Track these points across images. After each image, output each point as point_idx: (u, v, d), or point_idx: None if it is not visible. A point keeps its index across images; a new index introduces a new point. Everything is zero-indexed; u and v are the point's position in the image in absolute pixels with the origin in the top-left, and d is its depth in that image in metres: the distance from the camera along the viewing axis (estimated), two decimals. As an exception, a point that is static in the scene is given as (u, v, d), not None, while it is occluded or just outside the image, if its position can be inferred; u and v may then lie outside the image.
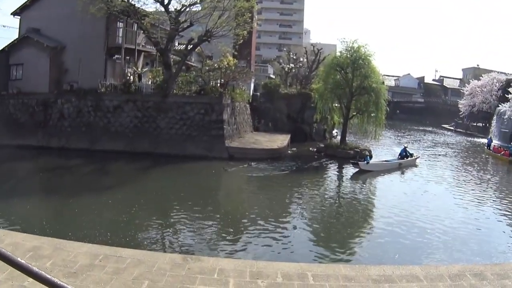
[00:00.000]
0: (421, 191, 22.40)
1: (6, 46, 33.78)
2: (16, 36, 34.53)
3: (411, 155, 29.67)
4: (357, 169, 26.01)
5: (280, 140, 31.76)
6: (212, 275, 5.36)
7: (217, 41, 30.67)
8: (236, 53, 34.16)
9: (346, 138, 33.62)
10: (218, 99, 28.93)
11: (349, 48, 32.97)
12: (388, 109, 33.21)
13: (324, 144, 33.82)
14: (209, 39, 29.01)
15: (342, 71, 32.62)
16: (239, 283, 5.18)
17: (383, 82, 34.17)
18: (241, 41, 31.46)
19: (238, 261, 6.16)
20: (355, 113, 33.04)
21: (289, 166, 26.75)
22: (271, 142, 30.61)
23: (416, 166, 29.36)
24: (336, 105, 34.26)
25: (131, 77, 30.58)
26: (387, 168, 27.35)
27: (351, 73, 32.34)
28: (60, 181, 21.52)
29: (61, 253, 5.77)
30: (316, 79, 36.55)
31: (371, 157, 29.21)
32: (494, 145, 38.60)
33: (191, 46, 29.74)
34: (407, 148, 29.93)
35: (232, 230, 14.68)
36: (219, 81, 32.70)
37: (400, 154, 29.34)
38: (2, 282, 4.73)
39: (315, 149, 32.96)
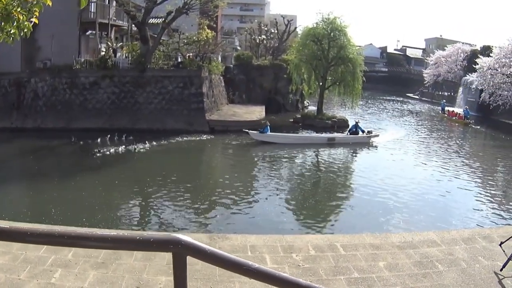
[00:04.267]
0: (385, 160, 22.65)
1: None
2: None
3: (363, 131, 26.69)
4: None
5: (257, 112, 31.88)
6: (246, 253, 5.41)
7: (193, 14, 30.24)
8: (215, 25, 33.77)
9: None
10: (197, 72, 28.68)
11: (325, 19, 33.09)
12: (364, 79, 33.47)
13: (300, 115, 33.98)
14: (187, 12, 28.51)
15: (318, 42, 32.70)
16: (275, 258, 5.27)
17: (360, 53, 34.39)
18: (211, 13, 31.21)
19: (265, 236, 6.15)
20: (331, 84, 33.28)
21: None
22: (249, 114, 30.67)
23: (369, 144, 26.28)
24: (310, 76, 34.34)
25: (107, 53, 29.88)
26: (291, 142, 25.24)
27: (327, 44, 32.56)
28: (42, 165, 20.65)
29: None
30: (290, 50, 36.52)
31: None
32: (448, 110, 42.26)
33: (170, 19, 29.13)
34: (358, 124, 27.16)
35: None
36: (190, 54, 32.31)
37: (349, 130, 27.08)
38: (26, 282, 4.62)
39: (292, 120, 33.12)
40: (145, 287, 4.62)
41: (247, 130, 24.96)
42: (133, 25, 32.11)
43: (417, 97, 68.88)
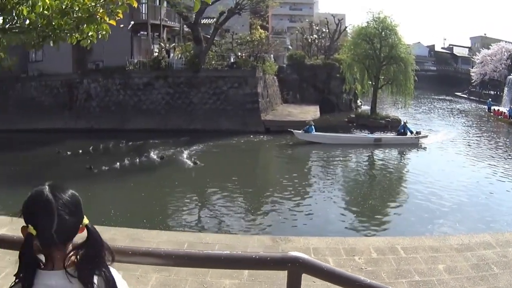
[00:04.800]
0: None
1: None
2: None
3: (412, 132, 25.58)
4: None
5: (312, 112, 31.47)
6: (309, 255, 5.10)
7: (244, 14, 30.04)
8: (267, 25, 33.52)
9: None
10: (251, 72, 28.41)
11: (376, 19, 32.68)
12: (416, 78, 32.82)
13: (354, 114, 33.48)
14: (240, 12, 28.31)
15: (370, 41, 32.27)
16: (338, 261, 5.24)
17: (410, 52, 33.80)
18: (263, 13, 30.96)
19: (327, 238, 6.15)
20: (384, 83, 32.79)
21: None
22: (304, 114, 30.22)
23: (418, 145, 25.12)
24: (363, 75, 33.89)
25: (160, 53, 29.82)
26: (337, 142, 24.36)
27: (378, 43, 32.14)
28: (96, 165, 20.50)
29: (141, 244, 5.33)
30: (343, 49, 36.12)
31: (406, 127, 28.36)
32: (494, 109, 41.96)
33: (222, 19, 28.95)
34: (407, 124, 26.03)
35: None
36: (243, 55, 32.07)
37: (398, 131, 26.15)
38: None
39: (346, 119, 32.63)
40: None
41: (291, 130, 24.49)
42: (185, 26, 32.02)
43: (465, 96, 67.65)
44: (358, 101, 42.27)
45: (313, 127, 24.53)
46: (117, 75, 29.16)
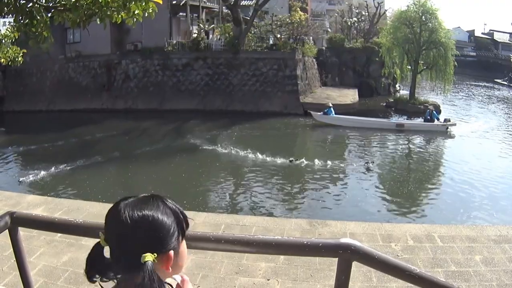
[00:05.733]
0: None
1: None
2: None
3: (438, 119, 24.63)
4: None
5: (350, 95, 31.07)
6: None
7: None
8: (306, 7, 33.21)
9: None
10: (291, 54, 28.14)
11: (416, 2, 32.05)
12: (456, 64, 32.16)
13: (393, 99, 33.02)
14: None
15: (410, 25, 31.72)
16: (375, 247, 4.98)
17: (450, 37, 33.12)
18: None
19: (364, 224, 6.03)
20: (423, 68, 32.24)
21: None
22: (343, 97, 29.89)
23: (447, 133, 23.87)
24: (402, 59, 33.34)
25: (199, 34, 29.75)
26: (357, 125, 23.83)
27: (418, 28, 31.51)
28: (137, 145, 20.47)
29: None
30: (382, 33, 35.59)
31: (439, 112, 27.54)
32: None
33: (262, 1, 28.74)
34: (433, 112, 25.02)
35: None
36: (282, 37, 31.80)
37: (424, 118, 25.07)
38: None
39: (384, 104, 32.22)
40: (245, 273, 4.59)
41: (311, 112, 24.26)
42: (224, 7, 31.87)
43: (505, 83, 65.98)
44: (397, 86, 41.53)
45: (332, 109, 24.27)
46: (156, 56, 29.20)
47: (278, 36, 31.34)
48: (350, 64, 37.50)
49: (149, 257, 1.25)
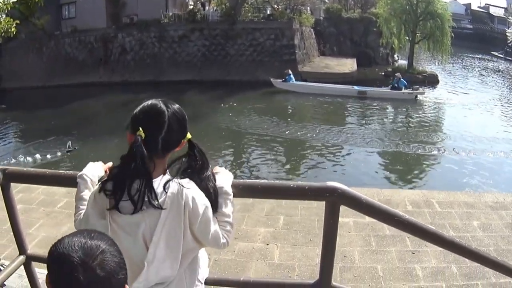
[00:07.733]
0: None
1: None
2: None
3: (406, 87, 23.89)
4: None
5: (349, 64, 30.95)
6: None
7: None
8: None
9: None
10: (287, 24, 28.04)
11: (413, -27, 31.90)
12: (453, 35, 32.10)
13: (391, 68, 32.88)
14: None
15: (407, -4, 31.61)
16: None
17: (446, 9, 33.09)
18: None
19: (363, 189, 6.07)
20: (421, 39, 32.22)
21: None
22: (341, 66, 29.79)
23: (415, 101, 23.53)
24: (399, 30, 33.28)
25: (195, 6, 29.56)
26: (317, 92, 23.79)
27: (415, -2, 31.46)
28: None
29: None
30: (379, 4, 35.45)
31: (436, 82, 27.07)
32: None
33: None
34: (401, 79, 24.19)
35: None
36: (279, 7, 31.60)
37: (391, 85, 24.34)
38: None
39: (382, 73, 32.09)
40: (244, 238, 4.68)
41: (271, 79, 24.18)
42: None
43: (501, 56, 66.43)
44: (395, 56, 41.44)
45: (291, 76, 24.40)
46: (152, 28, 29.03)
47: (275, 6, 31.12)
48: (348, 34, 37.30)
49: (189, 135, 1.74)
